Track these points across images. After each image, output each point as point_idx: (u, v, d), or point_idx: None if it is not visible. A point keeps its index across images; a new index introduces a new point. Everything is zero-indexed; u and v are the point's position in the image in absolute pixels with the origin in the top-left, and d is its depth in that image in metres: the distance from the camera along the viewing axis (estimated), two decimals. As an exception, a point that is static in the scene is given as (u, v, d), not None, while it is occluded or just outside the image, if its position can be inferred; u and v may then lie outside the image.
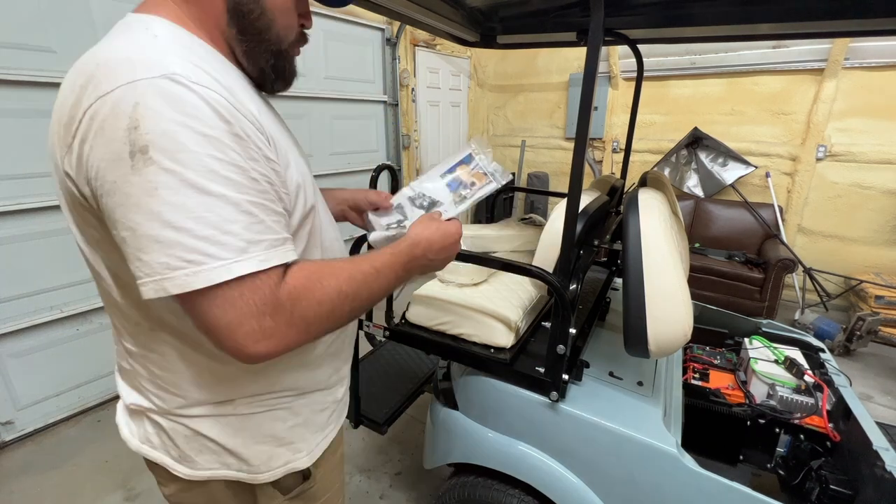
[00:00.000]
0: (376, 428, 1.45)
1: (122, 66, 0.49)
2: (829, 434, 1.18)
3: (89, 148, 0.49)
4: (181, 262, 0.48)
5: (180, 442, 0.68)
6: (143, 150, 0.47)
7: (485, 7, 1.52)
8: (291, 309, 0.54)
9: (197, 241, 0.48)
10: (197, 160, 0.48)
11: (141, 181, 0.47)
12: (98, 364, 2.29)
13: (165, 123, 0.47)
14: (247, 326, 0.51)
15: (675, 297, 0.97)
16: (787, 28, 1.41)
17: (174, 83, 0.48)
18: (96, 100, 0.48)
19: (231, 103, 0.52)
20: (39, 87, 1.89)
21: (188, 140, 0.48)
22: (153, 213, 0.47)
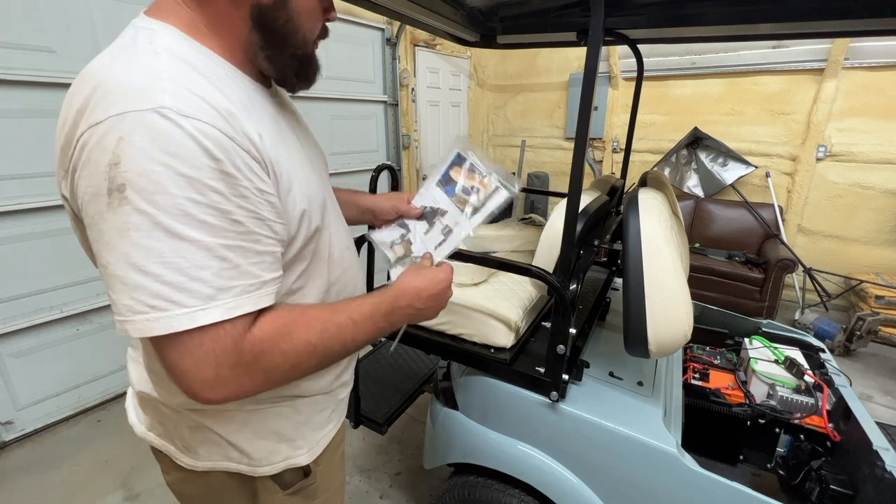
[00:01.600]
0: (376, 428, 1.45)
1: (116, 93, 0.48)
2: (829, 434, 1.18)
3: (78, 178, 0.49)
4: (143, 307, 0.48)
5: (185, 433, 0.69)
6: (119, 188, 0.46)
7: (485, 7, 1.52)
8: (252, 361, 0.53)
9: (162, 286, 0.47)
10: (173, 203, 0.47)
11: (114, 220, 0.47)
12: (98, 364, 2.29)
13: (145, 162, 0.46)
14: (203, 374, 0.51)
15: (675, 297, 0.97)
16: (787, 28, 1.41)
17: (162, 118, 0.47)
18: (87, 129, 0.48)
19: (226, 134, 0.50)
20: (39, 87, 1.89)
21: (167, 181, 0.46)
22: (122, 255, 0.47)
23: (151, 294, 0.47)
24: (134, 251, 0.47)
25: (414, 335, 1.27)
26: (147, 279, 0.47)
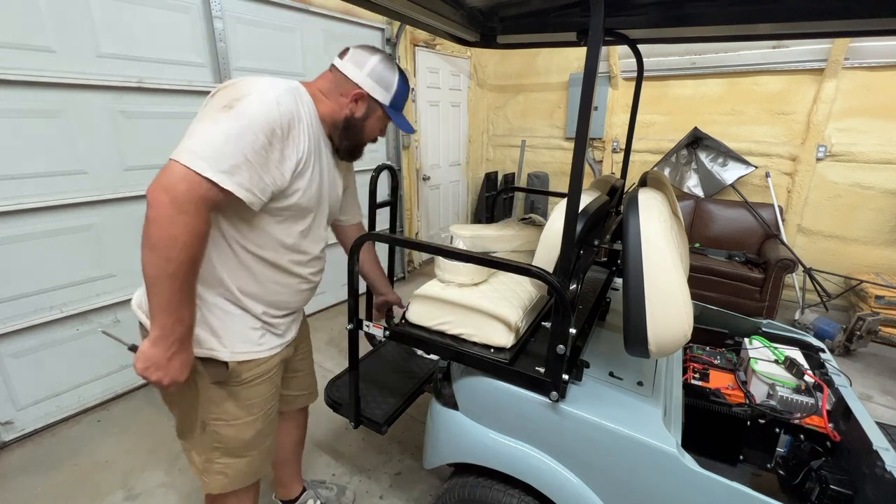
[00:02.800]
0: (376, 428, 1.45)
1: (255, 82, 0.96)
2: (829, 434, 1.18)
3: (215, 96, 0.94)
4: (190, 149, 0.85)
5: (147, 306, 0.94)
6: (229, 108, 0.89)
7: (485, 7, 1.52)
8: (188, 204, 0.83)
9: (197, 140, 0.86)
10: (247, 129, 0.88)
11: (215, 115, 0.89)
12: (98, 364, 2.29)
13: (249, 106, 0.90)
14: (162, 183, 0.83)
15: (675, 297, 0.97)
16: (787, 28, 1.41)
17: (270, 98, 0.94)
18: (231, 85, 0.95)
19: (288, 123, 0.97)
20: (39, 87, 1.89)
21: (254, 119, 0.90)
22: (205, 129, 0.87)
23: (199, 145, 0.85)
24: (213, 130, 0.87)
25: (414, 335, 1.27)
26: (204, 142, 0.86)
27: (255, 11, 2.61)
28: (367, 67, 1.09)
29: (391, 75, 1.11)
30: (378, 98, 1.11)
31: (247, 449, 1.15)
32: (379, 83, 1.10)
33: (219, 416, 1.09)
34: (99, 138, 2.10)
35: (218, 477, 1.14)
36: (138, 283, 2.44)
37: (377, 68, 1.09)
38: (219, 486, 1.15)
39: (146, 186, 0.86)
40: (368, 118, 1.13)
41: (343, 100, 1.10)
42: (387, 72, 1.10)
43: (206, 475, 1.14)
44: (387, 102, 1.13)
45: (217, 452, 1.12)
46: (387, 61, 1.11)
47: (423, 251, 1.25)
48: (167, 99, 2.30)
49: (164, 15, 2.22)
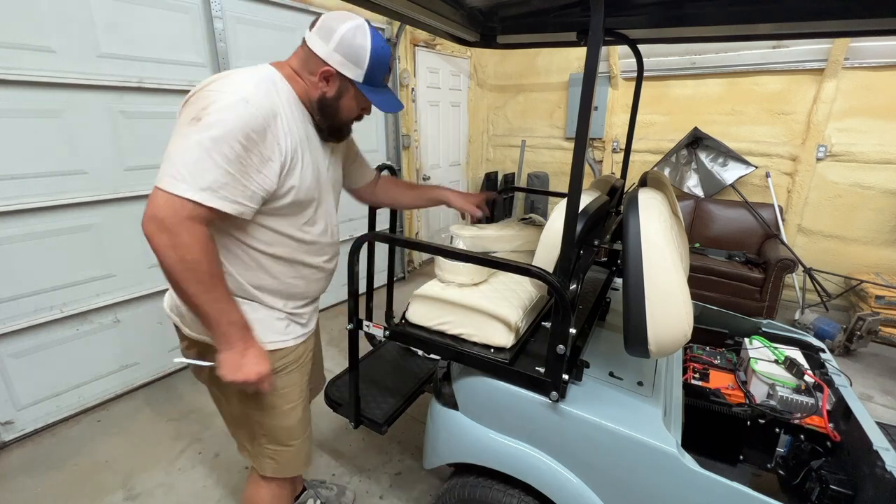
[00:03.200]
0: (376, 428, 1.45)
1: (224, 83, 0.90)
2: (829, 434, 1.18)
3: (185, 108, 0.90)
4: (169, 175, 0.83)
5: (184, 310, 1.04)
6: (197, 119, 0.85)
7: (485, 7, 1.52)
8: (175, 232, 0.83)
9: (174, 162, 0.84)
10: (220, 141, 0.84)
11: (185, 131, 0.85)
12: (98, 364, 2.29)
13: (221, 116, 0.85)
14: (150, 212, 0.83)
15: (675, 297, 0.97)
16: (787, 28, 1.41)
17: (238, 101, 0.87)
18: (201, 90, 0.90)
19: (263, 123, 0.90)
20: (39, 87, 1.89)
21: (226, 129, 0.85)
22: (178, 149, 0.84)
23: (175, 170, 0.83)
24: (184, 148, 0.84)
25: (414, 335, 1.27)
26: (179, 163, 0.83)
27: (255, 11, 2.61)
28: (335, 40, 0.97)
29: (362, 47, 0.98)
30: (348, 75, 1.00)
31: (291, 437, 1.20)
32: (348, 57, 0.98)
33: (260, 408, 1.13)
34: (99, 138, 2.10)
35: (268, 461, 1.19)
36: (138, 283, 2.43)
37: (346, 39, 0.97)
38: (270, 470, 1.20)
39: (146, 186, 0.90)
40: (342, 97, 1.03)
41: (312, 79, 1.01)
42: (357, 43, 0.97)
43: (256, 459, 1.21)
44: (359, 79, 1.01)
45: (264, 439, 1.17)
46: (358, 30, 0.98)
47: (423, 251, 1.26)
48: (167, 99, 2.30)
49: (164, 15, 2.22)
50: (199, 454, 2.02)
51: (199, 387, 2.51)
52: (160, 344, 2.52)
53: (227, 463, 1.96)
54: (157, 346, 2.51)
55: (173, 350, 2.57)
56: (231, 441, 2.06)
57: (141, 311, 2.41)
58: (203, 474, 1.91)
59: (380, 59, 1.01)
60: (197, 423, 2.21)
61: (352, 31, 0.97)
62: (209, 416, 2.25)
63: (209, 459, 1.99)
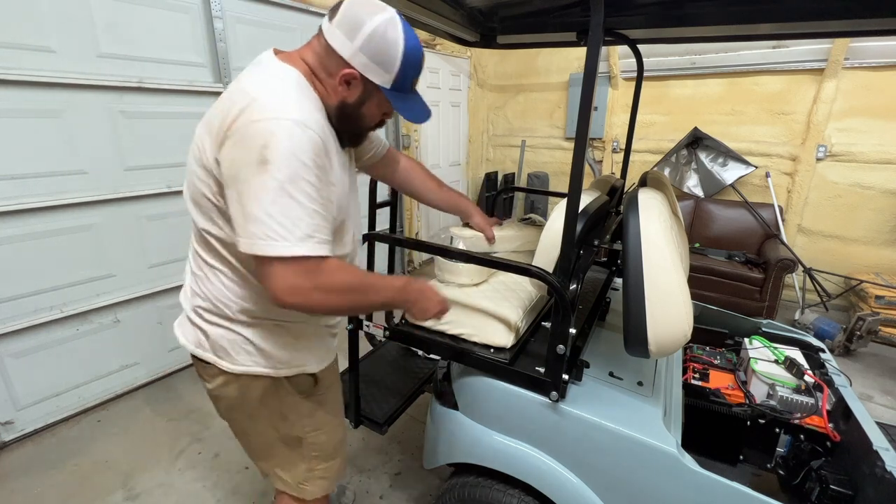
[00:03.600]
0: (376, 428, 1.45)
1: (269, 105, 0.78)
2: (829, 434, 1.18)
3: (232, 145, 0.78)
4: (263, 236, 0.75)
5: (226, 345, 0.96)
6: (266, 162, 0.74)
7: (485, 7, 1.52)
8: (321, 284, 0.81)
9: (277, 225, 0.75)
10: (293, 179, 0.76)
11: (257, 180, 0.75)
12: (98, 364, 2.29)
13: (284, 151, 0.75)
14: (282, 283, 0.78)
15: (675, 297, 0.97)
16: (787, 28, 1.41)
17: (296, 127, 0.77)
18: (248, 123, 0.76)
19: (323, 144, 0.82)
20: (39, 87, 1.89)
21: (293, 166, 0.76)
22: (257, 201, 0.75)
23: (270, 226, 0.75)
24: (266, 202, 0.74)
25: (414, 335, 1.27)
26: (269, 219, 0.75)
27: (255, 11, 2.61)
28: (361, 37, 0.82)
29: (393, 47, 0.83)
30: (375, 80, 0.86)
31: (338, 450, 1.19)
32: (376, 60, 0.84)
33: (315, 427, 1.10)
34: (99, 138, 2.10)
35: (320, 482, 1.15)
36: (138, 283, 2.42)
37: (375, 37, 0.82)
38: (321, 490, 1.16)
39: (146, 186, 0.88)
40: (365, 103, 0.90)
41: (331, 81, 0.87)
42: (388, 42, 0.83)
43: (307, 483, 1.13)
44: (387, 85, 0.87)
45: (316, 461, 1.13)
46: (389, 26, 0.83)
47: (423, 251, 1.26)
48: (167, 99, 2.30)
49: (164, 15, 2.22)
50: (199, 454, 2.02)
51: (199, 387, 2.51)
52: (160, 344, 2.52)
53: (227, 463, 1.96)
54: (157, 346, 2.50)
55: (173, 350, 2.58)
56: (230, 441, 2.06)
57: (141, 311, 2.41)
58: (203, 474, 1.91)
59: (412, 61, 0.87)
60: (197, 423, 2.21)
61: (382, 26, 0.82)
62: (209, 416, 2.25)
63: (209, 459, 1.99)
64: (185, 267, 1.03)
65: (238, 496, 1.80)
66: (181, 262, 1.06)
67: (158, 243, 2.40)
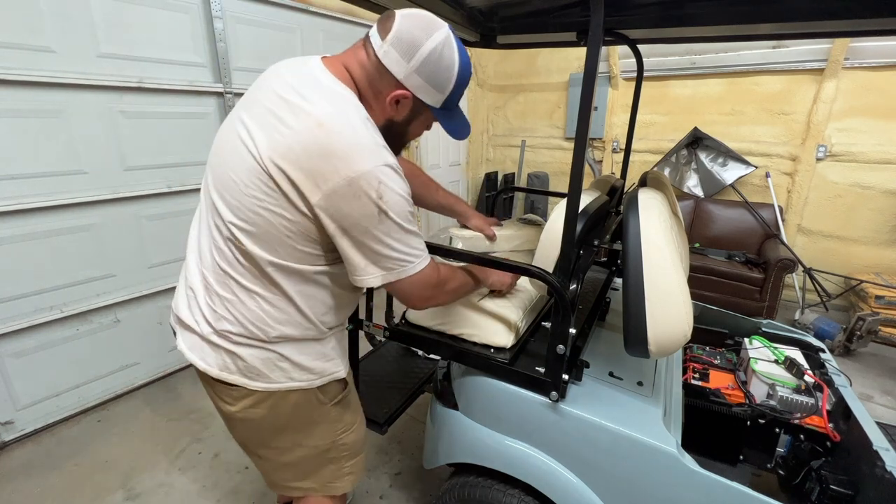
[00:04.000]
0: (376, 428, 1.45)
1: (365, 151, 0.80)
2: (829, 434, 1.18)
3: (339, 198, 0.79)
4: (397, 265, 0.87)
5: (258, 364, 0.93)
6: (385, 211, 0.81)
7: (485, 7, 1.52)
8: (442, 286, 0.98)
9: (404, 254, 0.87)
10: (404, 215, 0.84)
11: (382, 226, 0.82)
12: (98, 364, 2.29)
13: (394, 196, 0.81)
14: (421, 294, 0.94)
15: (675, 297, 0.97)
16: (787, 28, 1.41)
17: (392, 171, 0.82)
18: (356, 178, 0.78)
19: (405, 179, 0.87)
20: (39, 87, 1.89)
21: (402, 204, 0.84)
22: (389, 242, 0.85)
23: (400, 258, 0.87)
24: (394, 240, 0.85)
25: (414, 335, 1.27)
26: (399, 254, 0.86)
27: (255, 11, 2.61)
28: (418, 58, 0.80)
29: (449, 68, 0.83)
30: (426, 100, 0.87)
31: (363, 445, 1.22)
32: (431, 81, 0.83)
33: (344, 429, 1.12)
34: (99, 138, 2.10)
35: (348, 478, 1.17)
36: (138, 283, 2.42)
37: (432, 59, 0.81)
38: (350, 485, 1.19)
39: (146, 186, 0.86)
40: (412, 121, 0.92)
41: (379, 99, 0.86)
42: (444, 64, 0.82)
43: (336, 482, 1.14)
44: (437, 105, 0.88)
45: (345, 459, 1.15)
46: (447, 45, 0.82)
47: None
48: (167, 99, 2.30)
49: (164, 15, 2.22)
50: (199, 454, 2.02)
51: (199, 387, 2.50)
52: (160, 344, 2.52)
53: (227, 463, 1.97)
54: (157, 346, 2.51)
55: (173, 350, 2.57)
56: (230, 441, 2.06)
57: (141, 311, 2.41)
58: (203, 474, 1.91)
59: (464, 79, 0.87)
60: (197, 423, 2.21)
61: (440, 47, 0.81)
62: (209, 416, 2.25)
63: (209, 459, 1.99)
64: (192, 283, 0.95)
65: (238, 496, 1.80)
66: (181, 262, 1.05)
67: (158, 243, 2.40)
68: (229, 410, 0.99)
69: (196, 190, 2.48)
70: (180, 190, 2.41)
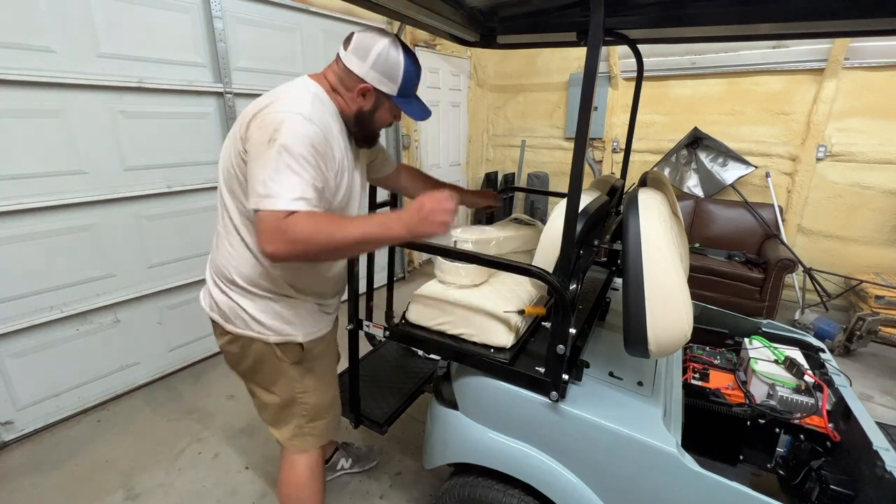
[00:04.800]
0: (376, 428, 1.45)
1: (286, 103, 1.01)
2: (829, 434, 1.18)
3: (254, 129, 0.99)
4: (266, 195, 0.93)
5: (226, 310, 1.17)
6: (272, 141, 0.95)
7: (485, 7, 1.52)
8: (292, 234, 0.92)
9: (270, 185, 0.93)
10: (294, 152, 0.95)
11: (266, 153, 0.95)
12: (98, 364, 2.29)
13: (290, 134, 0.96)
14: (268, 236, 0.93)
15: (675, 297, 0.97)
16: (787, 28, 1.41)
17: (303, 119, 0.98)
18: (268, 114, 0.99)
19: (324, 137, 1.02)
20: (39, 87, 1.89)
21: (295, 143, 0.96)
22: (263, 170, 0.94)
23: (267, 189, 0.93)
24: (270, 169, 0.94)
25: (414, 335, 1.27)
26: (271, 182, 0.93)
27: (255, 11, 2.61)
28: (371, 58, 1.06)
29: (396, 64, 1.08)
30: (384, 90, 1.10)
31: (326, 411, 1.35)
32: (384, 74, 1.08)
33: (303, 390, 1.27)
34: (99, 138, 2.10)
35: (308, 438, 1.32)
36: (138, 283, 2.43)
37: (381, 58, 1.06)
38: (309, 445, 1.34)
39: (146, 186, 0.89)
40: (378, 109, 1.14)
41: (350, 94, 1.11)
42: (391, 60, 1.07)
43: (296, 440, 1.31)
44: (394, 93, 1.11)
45: (305, 419, 1.30)
46: (391, 47, 1.07)
47: (423, 251, 1.27)
48: (167, 99, 2.30)
49: (164, 15, 2.22)
50: (199, 454, 2.02)
51: (199, 387, 2.53)
52: (160, 344, 2.52)
53: (227, 463, 1.97)
54: (157, 346, 2.51)
55: (173, 350, 2.58)
56: (230, 441, 2.07)
57: (141, 311, 2.41)
58: (203, 474, 1.91)
59: (411, 73, 1.11)
60: (197, 423, 2.21)
61: (386, 48, 1.06)
62: (209, 416, 2.25)
63: (209, 459, 1.99)
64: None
65: (238, 496, 1.80)
66: (181, 262, 1.09)
67: (158, 243, 2.40)
68: (218, 343, 1.26)
69: (196, 190, 2.49)
70: (180, 190, 2.41)
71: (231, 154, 1.07)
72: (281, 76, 2.79)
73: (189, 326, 2.62)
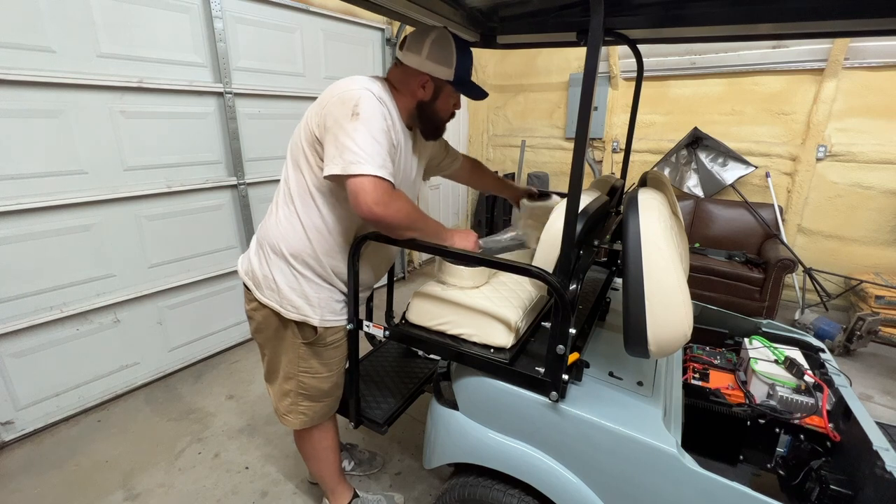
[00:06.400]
0: (376, 428, 1.45)
1: (360, 84, 1.12)
2: (829, 434, 1.18)
3: (334, 106, 1.10)
4: (356, 161, 1.03)
5: (259, 277, 1.28)
6: (356, 114, 1.06)
7: (485, 7, 1.52)
8: (392, 198, 1.06)
9: (360, 151, 1.03)
10: (374, 125, 1.07)
11: (352, 125, 1.05)
12: (98, 364, 2.29)
13: (368, 107, 1.07)
14: (373, 198, 1.03)
15: (675, 297, 0.97)
16: (787, 28, 1.41)
17: (376, 98, 1.11)
18: (345, 91, 1.11)
19: (392, 118, 1.16)
20: (39, 87, 1.89)
21: (374, 117, 1.07)
22: (350, 138, 1.04)
23: (359, 157, 1.03)
24: (357, 137, 1.04)
25: (414, 335, 1.27)
26: (360, 150, 1.03)
27: (255, 11, 2.61)
28: (425, 50, 1.17)
29: (449, 50, 1.17)
30: (442, 77, 1.19)
31: (324, 396, 1.40)
32: (439, 62, 1.17)
33: (306, 370, 1.34)
34: (99, 138, 2.10)
35: (300, 416, 1.40)
36: (138, 283, 2.43)
37: (434, 47, 1.17)
38: (299, 424, 1.41)
39: (146, 186, 0.89)
40: (438, 98, 1.23)
41: (410, 89, 1.21)
42: (444, 48, 1.17)
43: (289, 416, 1.40)
44: (451, 79, 1.20)
45: (301, 397, 1.37)
46: (441, 38, 1.18)
47: (423, 251, 1.27)
48: (167, 99, 2.30)
49: (164, 15, 2.22)
50: (199, 454, 2.02)
51: (199, 387, 2.53)
52: (160, 344, 2.52)
53: (227, 463, 1.97)
54: (157, 346, 2.51)
55: (173, 350, 2.58)
56: (231, 441, 2.07)
57: (141, 311, 2.41)
58: (203, 474, 1.91)
59: (465, 57, 1.21)
60: (197, 423, 2.21)
61: (437, 38, 1.18)
62: (209, 416, 2.25)
63: (209, 459, 1.99)
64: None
65: (238, 496, 1.80)
66: (181, 262, 1.09)
67: (158, 243, 2.40)
68: (246, 308, 1.36)
69: (196, 190, 2.49)
70: (180, 190, 2.41)
71: (302, 130, 1.18)
72: (281, 76, 2.79)
73: (189, 326, 2.63)
